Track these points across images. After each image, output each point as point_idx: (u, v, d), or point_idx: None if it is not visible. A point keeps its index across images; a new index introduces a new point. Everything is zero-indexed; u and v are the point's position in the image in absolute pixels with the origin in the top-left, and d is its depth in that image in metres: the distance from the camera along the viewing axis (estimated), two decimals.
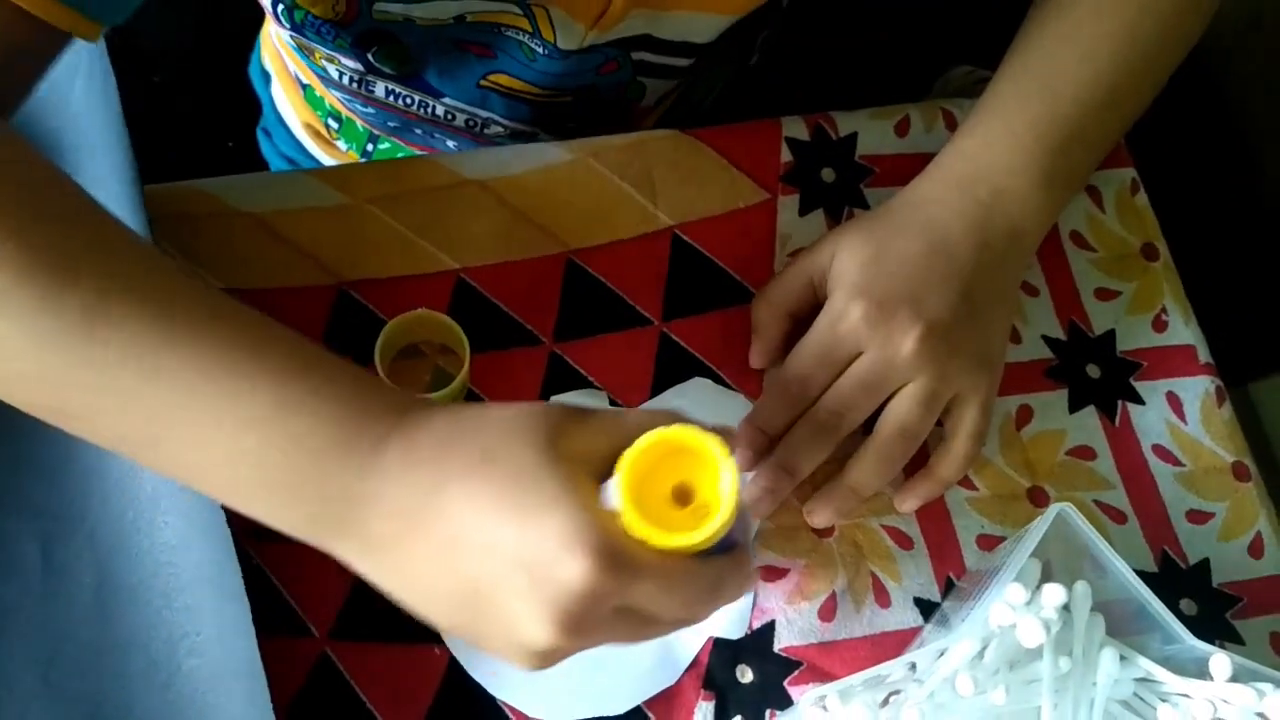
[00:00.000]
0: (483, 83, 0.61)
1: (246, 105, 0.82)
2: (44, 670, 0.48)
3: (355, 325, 0.55)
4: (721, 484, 0.38)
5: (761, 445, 0.54)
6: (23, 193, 0.40)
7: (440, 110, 0.65)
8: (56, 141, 0.53)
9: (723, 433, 0.39)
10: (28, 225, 0.39)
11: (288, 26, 0.57)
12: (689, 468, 0.39)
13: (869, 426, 0.53)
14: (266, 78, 0.78)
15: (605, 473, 0.38)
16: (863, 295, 0.52)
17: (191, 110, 0.89)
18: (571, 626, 0.37)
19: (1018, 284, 0.58)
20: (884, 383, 0.52)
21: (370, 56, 0.59)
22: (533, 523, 0.37)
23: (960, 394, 0.53)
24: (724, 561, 0.40)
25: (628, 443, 0.38)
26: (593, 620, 0.37)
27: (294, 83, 0.75)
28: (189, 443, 0.40)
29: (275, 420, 0.39)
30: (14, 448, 0.50)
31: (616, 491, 0.38)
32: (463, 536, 0.38)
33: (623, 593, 0.37)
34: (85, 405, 0.40)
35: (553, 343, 0.56)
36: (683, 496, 0.39)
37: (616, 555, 0.36)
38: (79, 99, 0.53)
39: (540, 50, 0.59)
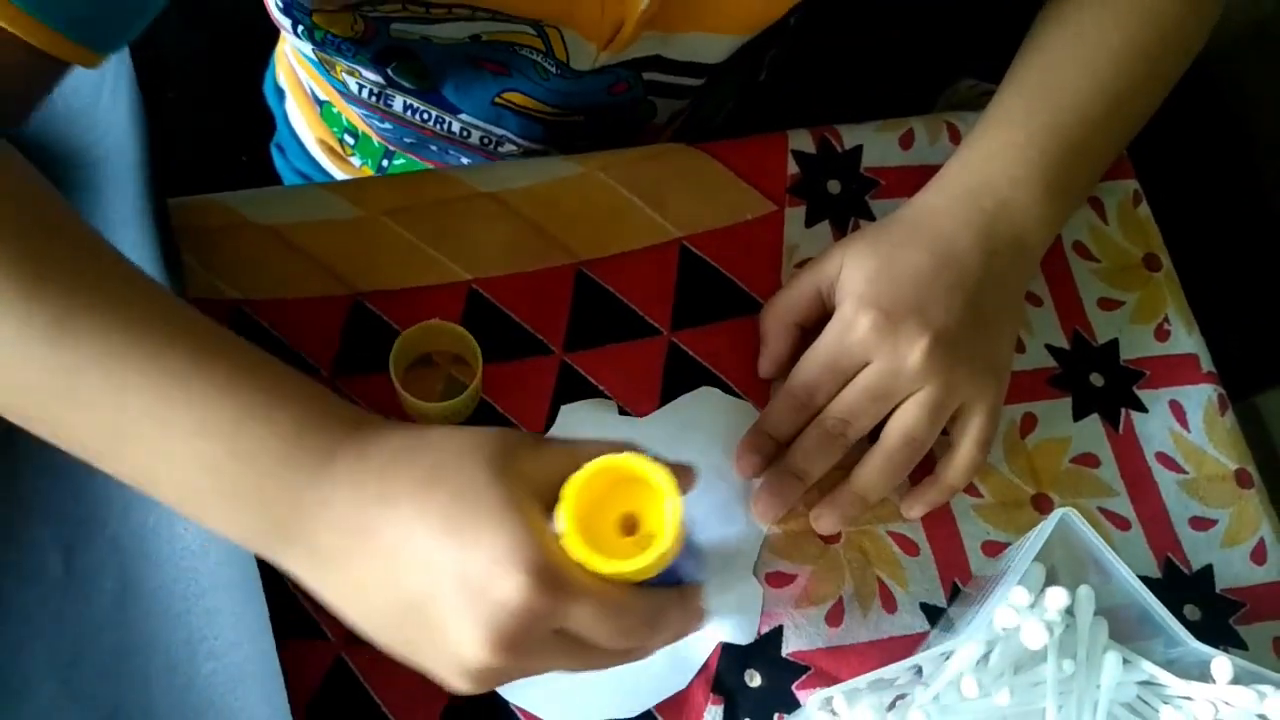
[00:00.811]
0: (497, 100, 0.62)
1: (260, 121, 0.83)
2: (65, 673, 0.48)
3: (370, 335, 0.56)
4: (665, 516, 0.39)
5: (770, 451, 0.54)
6: (2, 206, 0.41)
7: (456, 127, 0.66)
8: (84, 155, 0.54)
9: (678, 469, 0.39)
10: (4, 233, 0.40)
11: (309, 43, 0.58)
12: (637, 498, 0.40)
13: (875, 434, 0.54)
14: (281, 94, 0.79)
15: (555, 500, 0.39)
16: (871, 305, 0.53)
17: (205, 126, 0.90)
18: (507, 645, 0.37)
19: (1023, 293, 0.59)
20: (891, 392, 0.53)
21: (390, 71, 0.60)
22: (474, 540, 0.37)
23: (967, 402, 0.54)
24: (667, 594, 0.41)
25: (578, 469, 0.39)
26: (529, 641, 0.37)
27: (309, 99, 0.76)
28: (148, 451, 0.40)
29: (231, 430, 0.40)
30: (37, 457, 0.51)
31: (559, 515, 0.38)
32: (405, 550, 0.38)
33: (559, 614, 0.37)
34: (50, 412, 0.41)
35: (563, 352, 0.57)
36: (629, 527, 0.40)
37: (554, 576, 0.37)
38: (105, 109, 0.54)
39: (553, 70, 0.60)
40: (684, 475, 0.40)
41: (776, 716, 0.52)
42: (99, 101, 0.54)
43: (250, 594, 0.47)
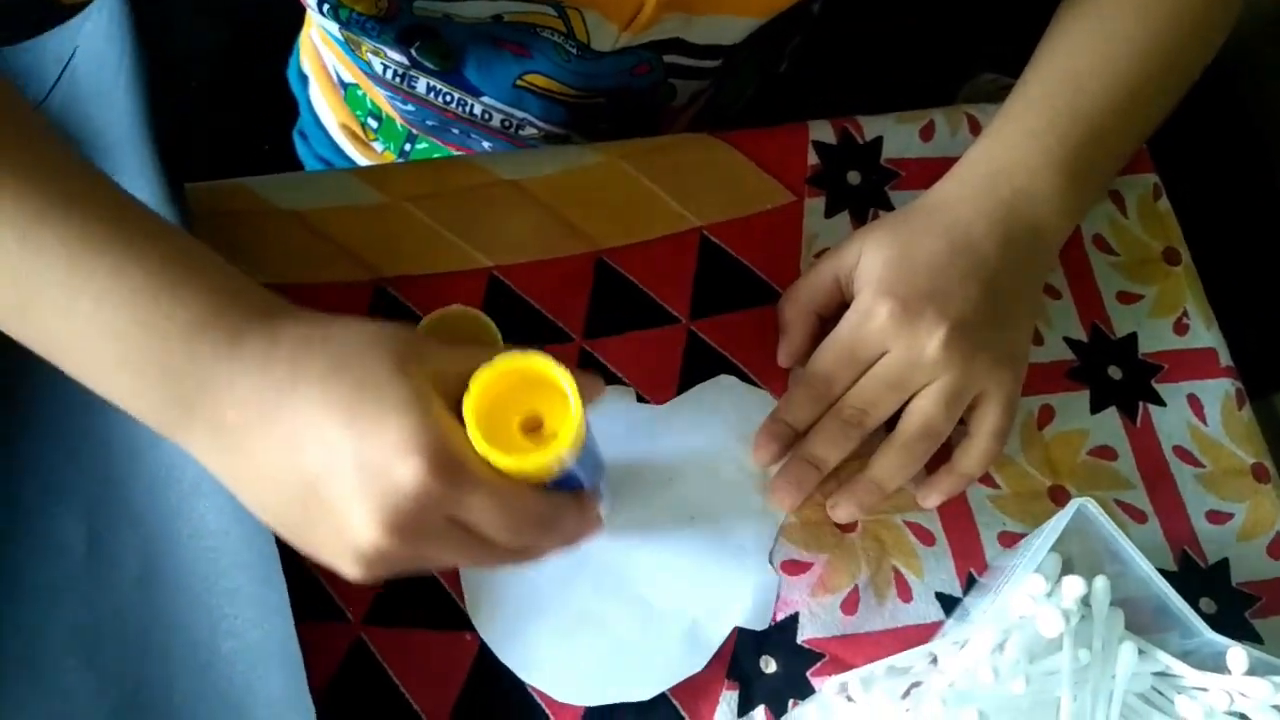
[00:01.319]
0: (519, 82, 0.63)
1: (282, 109, 0.83)
2: (88, 651, 0.49)
3: (392, 320, 0.56)
4: (570, 416, 0.39)
5: (788, 439, 0.55)
6: None
7: (478, 110, 0.66)
8: (103, 136, 0.55)
9: (584, 376, 0.40)
10: None
11: (334, 21, 0.59)
12: (542, 400, 0.40)
13: (892, 423, 0.54)
14: (304, 80, 0.80)
15: (460, 397, 0.39)
16: (889, 295, 0.53)
17: (228, 115, 0.91)
18: (400, 528, 0.38)
19: (1041, 283, 0.59)
20: (909, 381, 0.53)
21: (413, 51, 0.61)
22: (374, 426, 0.38)
23: (984, 392, 0.54)
24: (563, 497, 0.42)
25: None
26: (422, 525, 0.38)
27: (332, 84, 0.76)
28: (53, 312, 0.40)
29: (141, 299, 0.40)
30: (61, 438, 0.52)
31: (464, 408, 0.39)
32: (306, 434, 0.39)
33: (454, 501, 0.38)
34: None
35: (582, 339, 0.58)
36: (534, 428, 0.40)
37: (451, 462, 0.38)
38: (123, 91, 0.54)
39: (574, 51, 0.60)
40: (590, 384, 0.41)
41: (791, 703, 0.52)
42: (118, 83, 0.55)
43: (270, 574, 0.48)
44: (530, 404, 0.40)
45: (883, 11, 0.92)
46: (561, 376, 0.39)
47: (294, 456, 0.39)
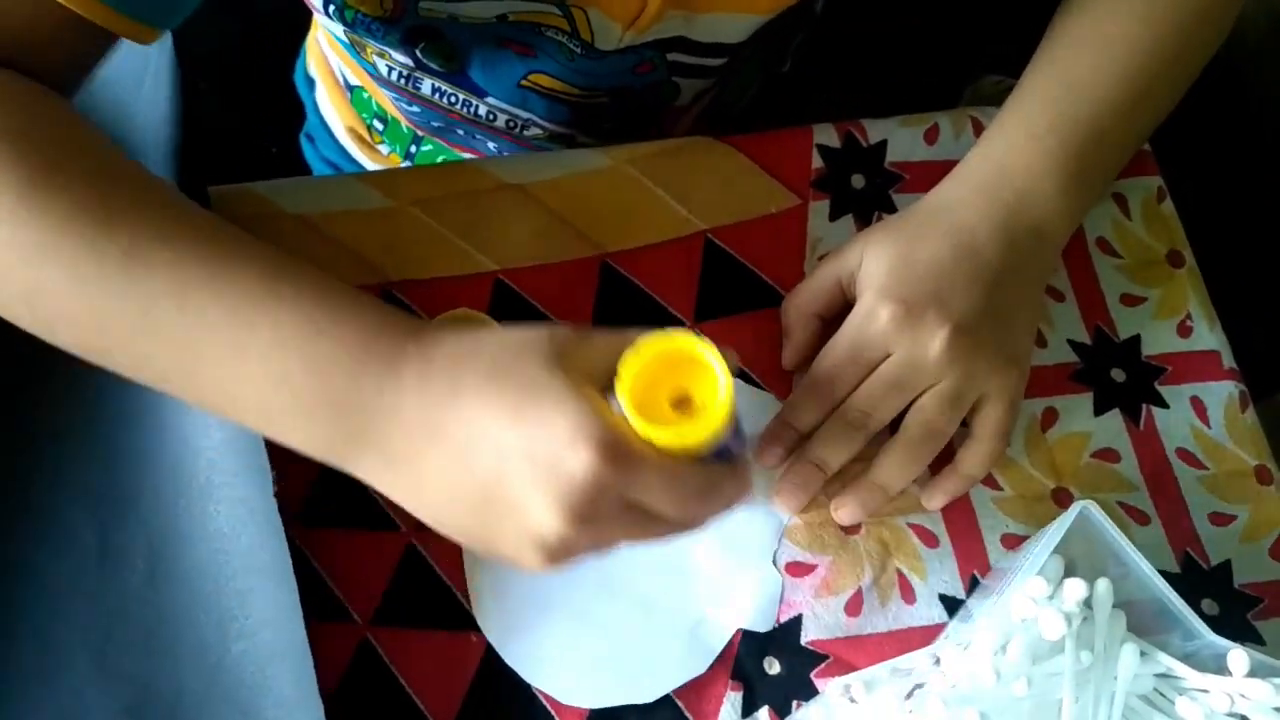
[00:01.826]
0: (523, 83, 0.63)
1: (289, 112, 0.84)
2: (98, 649, 0.50)
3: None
4: (719, 390, 0.41)
5: (792, 442, 0.55)
6: (71, 152, 0.44)
7: (482, 110, 0.67)
8: (124, 144, 0.55)
9: (723, 350, 0.41)
10: (75, 181, 0.43)
11: (339, 23, 0.59)
12: (687, 376, 0.42)
13: (895, 424, 0.55)
14: (311, 84, 0.80)
15: (610, 384, 0.41)
16: (891, 297, 0.53)
17: (235, 117, 0.92)
18: (579, 515, 0.39)
19: (1044, 284, 0.59)
20: (912, 383, 0.54)
21: (418, 52, 0.61)
22: (539, 423, 0.40)
23: (987, 393, 0.54)
24: (720, 467, 0.43)
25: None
26: (599, 511, 0.40)
27: (339, 87, 0.77)
28: (222, 372, 0.43)
29: (300, 344, 0.42)
30: (73, 438, 0.53)
31: (617, 395, 0.40)
32: (475, 441, 0.41)
33: (626, 484, 0.40)
34: (126, 343, 0.44)
35: None
36: (680, 403, 0.42)
37: (619, 448, 0.39)
38: (146, 100, 0.55)
39: (578, 50, 0.60)
40: (729, 354, 0.42)
41: (795, 704, 0.52)
42: (140, 92, 0.55)
43: (281, 576, 0.48)
44: (677, 381, 0.42)
45: (886, 10, 0.92)
46: (708, 353, 0.41)
47: (466, 464, 0.41)
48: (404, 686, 0.51)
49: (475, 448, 0.41)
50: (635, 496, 0.40)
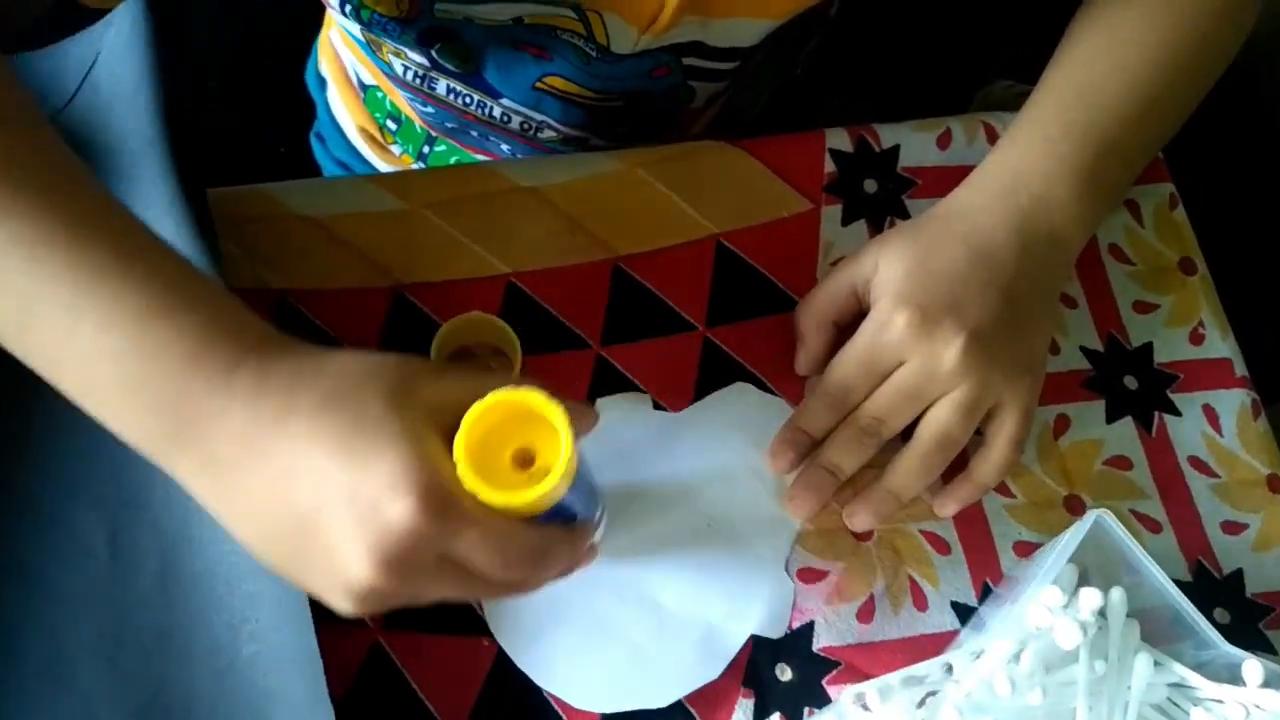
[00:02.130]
0: (538, 85, 0.63)
1: (298, 112, 0.84)
2: (110, 653, 0.49)
3: (410, 326, 0.57)
4: (560, 453, 0.39)
5: (804, 447, 0.55)
6: None
7: (497, 112, 0.67)
8: (123, 143, 0.55)
9: (577, 409, 0.40)
10: None
11: (356, 22, 0.59)
12: (534, 433, 0.40)
13: (908, 432, 0.55)
14: (322, 83, 0.80)
15: (454, 429, 0.39)
16: (906, 304, 0.53)
17: (245, 116, 0.91)
18: (392, 567, 0.38)
19: (1059, 291, 0.59)
20: (926, 391, 0.53)
21: (434, 53, 0.61)
22: (365, 463, 0.38)
23: (1001, 401, 0.54)
24: (555, 531, 0.42)
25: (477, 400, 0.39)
26: (414, 564, 0.38)
27: (352, 87, 0.77)
28: (53, 334, 0.40)
29: (137, 326, 0.40)
30: (83, 441, 0.52)
31: (454, 446, 0.39)
32: (297, 468, 0.39)
33: (445, 540, 0.38)
34: None
35: (599, 346, 0.58)
36: (526, 462, 0.40)
37: (442, 501, 0.37)
38: (147, 98, 0.55)
39: (593, 54, 0.60)
40: (583, 416, 0.41)
41: (807, 711, 0.52)
42: (140, 90, 0.55)
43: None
44: (524, 437, 0.40)
45: (898, 15, 0.92)
46: (553, 411, 0.39)
47: (285, 492, 0.39)
48: (415, 690, 0.51)
49: (296, 476, 0.39)
50: (456, 553, 0.39)
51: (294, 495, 0.39)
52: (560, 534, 0.42)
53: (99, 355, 0.40)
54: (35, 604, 0.50)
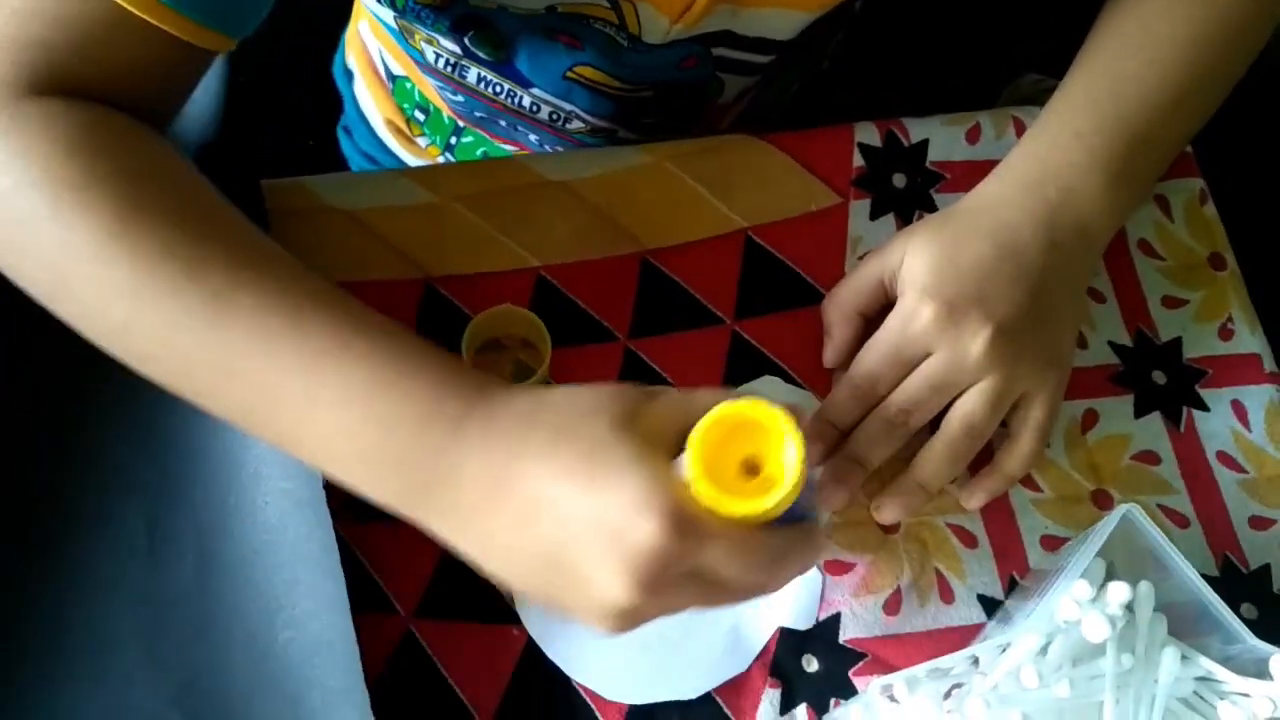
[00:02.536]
0: (569, 75, 0.63)
1: (325, 105, 0.84)
2: (148, 640, 0.50)
3: (441, 318, 0.57)
4: (786, 456, 0.40)
5: (832, 439, 0.55)
6: (160, 188, 0.45)
7: (527, 101, 0.67)
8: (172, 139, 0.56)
9: (792, 409, 0.40)
10: (163, 220, 0.44)
11: (390, 9, 0.60)
12: (757, 441, 0.40)
13: (935, 422, 0.55)
14: (349, 76, 0.81)
15: (677, 449, 0.40)
16: (933, 296, 0.53)
17: (272, 109, 0.92)
18: (646, 586, 0.39)
19: (1086, 283, 0.59)
20: (953, 383, 0.54)
21: (467, 40, 0.62)
22: (607, 489, 0.39)
23: (1027, 393, 0.54)
24: (790, 532, 0.42)
25: (698, 419, 0.40)
26: (666, 581, 0.39)
27: (379, 79, 0.77)
28: (295, 419, 0.44)
29: (369, 399, 0.43)
30: (123, 430, 0.53)
31: (687, 463, 0.39)
32: (541, 503, 0.40)
33: (693, 556, 0.39)
34: (208, 384, 0.45)
35: (628, 339, 0.58)
36: (751, 469, 0.41)
37: (686, 519, 0.38)
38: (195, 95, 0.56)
39: (625, 43, 0.61)
40: (800, 418, 0.41)
41: (833, 701, 0.53)
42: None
43: (328, 567, 0.49)
44: (746, 446, 0.41)
45: (917, 10, 0.92)
46: (780, 421, 0.40)
47: (531, 528, 0.40)
48: (446, 678, 0.51)
49: (540, 511, 0.40)
50: (704, 565, 0.39)
51: (539, 530, 0.40)
52: (795, 534, 0.43)
53: (337, 431, 0.43)
54: (74, 592, 0.51)
